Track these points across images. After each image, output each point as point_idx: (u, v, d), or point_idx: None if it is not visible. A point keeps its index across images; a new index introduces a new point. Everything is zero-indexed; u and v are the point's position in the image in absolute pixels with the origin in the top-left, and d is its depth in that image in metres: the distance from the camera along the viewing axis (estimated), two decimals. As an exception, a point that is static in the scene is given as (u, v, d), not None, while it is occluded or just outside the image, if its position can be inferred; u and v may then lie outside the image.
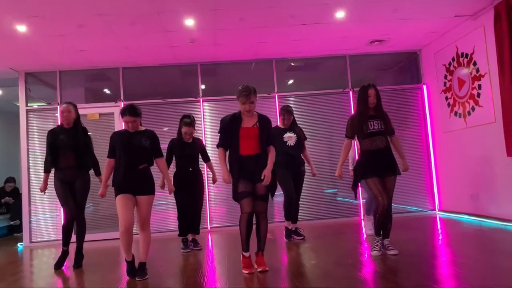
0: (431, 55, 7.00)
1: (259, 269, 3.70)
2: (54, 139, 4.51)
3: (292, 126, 5.29)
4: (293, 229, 5.35)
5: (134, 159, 3.79)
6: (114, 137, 3.89)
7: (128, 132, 3.85)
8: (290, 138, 5.14)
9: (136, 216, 3.81)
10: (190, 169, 5.00)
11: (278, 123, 5.45)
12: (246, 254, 3.78)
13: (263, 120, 3.85)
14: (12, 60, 6.37)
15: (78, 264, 4.53)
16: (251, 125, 3.77)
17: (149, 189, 3.85)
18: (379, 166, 4.08)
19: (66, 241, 4.51)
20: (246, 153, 3.71)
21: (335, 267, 3.83)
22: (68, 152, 4.48)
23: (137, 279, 3.71)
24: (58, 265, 4.47)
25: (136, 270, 3.79)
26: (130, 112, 3.77)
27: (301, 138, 5.28)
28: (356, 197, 4.36)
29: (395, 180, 4.15)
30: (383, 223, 4.13)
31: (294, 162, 5.20)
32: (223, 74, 7.63)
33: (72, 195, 4.51)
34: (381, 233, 4.17)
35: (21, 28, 5.13)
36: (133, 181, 3.77)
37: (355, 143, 5.07)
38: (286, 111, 5.26)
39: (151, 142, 3.89)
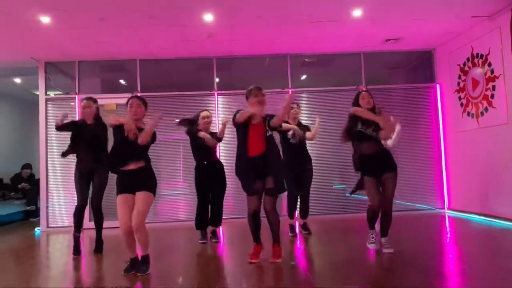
0: (446, 54, 7.02)
1: (270, 260, 3.84)
2: (77, 132, 4.66)
3: (299, 124, 5.33)
4: (302, 223, 5.45)
5: (130, 157, 3.66)
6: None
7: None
8: (293, 136, 5.16)
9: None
10: (205, 162, 5.05)
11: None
12: (256, 244, 4.00)
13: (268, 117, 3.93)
14: (34, 49, 6.52)
15: (99, 249, 4.74)
16: (260, 122, 3.90)
17: (147, 186, 3.65)
18: (376, 166, 4.16)
19: (77, 226, 4.68)
20: (254, 154, 3.87)
21: (340, 263, 3.93)
22: (89, 146, 4.62)
23: (138, 274, 3.58)
24: (77, 251, 4.63)
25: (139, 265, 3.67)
26: (138, 97, 3.83)
27: (305, 136, 5.24)
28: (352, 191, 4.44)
29: (395, 179, 4.16)
30: (375, 218, 4.24)
31: (298, 161, 5.24)
32: (237, 68, 7.73)
33: (89, 187, 4.70)
34: (374, 226, 4.29)
35: (45, 20, 5.26)
36: (132, 178, 3.63)
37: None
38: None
39: None
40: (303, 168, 5.29)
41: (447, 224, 6.09)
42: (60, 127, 4.58)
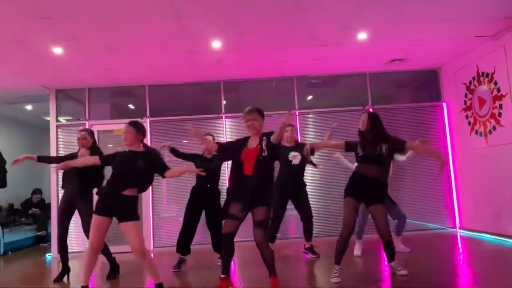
0: (451, 73, 7.06)
1: None
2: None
3: (297, 145, 5.34)
4: (308, 246, 5.40)
5: (122, 182, 3.66)
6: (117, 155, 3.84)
7: (127, 152, 3.80)
8: (295, 157, 5.18)
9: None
10: (208, 185, 5.04)
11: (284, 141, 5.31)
12: (222, 276, 3.62)
13: (266, 136, 3.66)
14: (45, 78, 6.67)
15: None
16: (255, 145, 3.67)
17: (132, 216, 3.63)
18: (364, 192, 4.02)
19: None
20: (246, 173, 3.63)
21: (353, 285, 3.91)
22: (79, 174, 4.67)
23: None
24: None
25: None
26: (129, 123, 3.85)
27: (305, 158, 5.21)
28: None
29: (383, 209, 4.02)
30: (344, 250, 4.03)
31: (295, 183, 5.26)
32: (245, 91, 7.82)
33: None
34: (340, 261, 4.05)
35: (57, 50, 5.41)
36: (115, 205, 3.62)
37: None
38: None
39: (150, 163, 3.75)
40: (298, 190, 5.30)
41: (459, 244, 6.03)
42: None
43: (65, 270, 4.91)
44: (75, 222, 5.08)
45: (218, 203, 5.02)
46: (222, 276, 3.61)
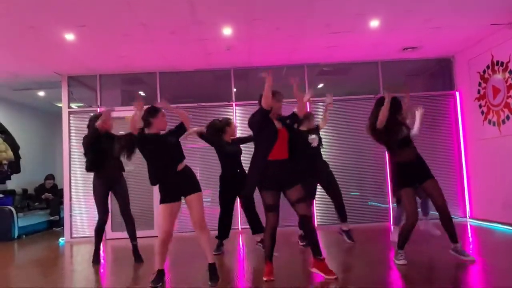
0: (465, 62, 6.96)
1: (327, 276, 3.61)
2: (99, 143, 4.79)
3: (315, 128, 5.42)
4: (347, 229, 5.37)
5: (170, 160, 3.74)
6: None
7: (155, 134, 3.80)
8: (314, 140, 5.25)
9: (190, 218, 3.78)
10: (238, 170, 5.06)
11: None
12: (269, 263, 3.75)
13: (284, 120, 3.95)
14: (57, 64, 6.71)
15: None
16: (280, 126, 3.85)
17: (196, 187, 3.78)
18: (416, 175, 4.08)
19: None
20: (275, 158, 3.71)
21: (360, 273, 3.93)
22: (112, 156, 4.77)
23: (209, 283, 3.64)
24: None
25: (210, 274, 3.71)
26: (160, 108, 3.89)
27: (320, 140, 5.37)
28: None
29: (436, 183, 4.09)
30: (409, 237, 4.08)
31: (319, 164, 5.30)
32: (255, 79, 7.77)
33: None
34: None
35: (69, 37, 5.43)
36: (177, 183, 3.73)
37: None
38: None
39: (175, 135, 3.87)
40: (326, 171, 5.33)
41: (469, 234, 6.01)
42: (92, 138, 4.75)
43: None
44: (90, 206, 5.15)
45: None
46: (267, 262, 3.73)
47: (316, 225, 6.57)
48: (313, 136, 5.25)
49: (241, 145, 5.25)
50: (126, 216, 4.87)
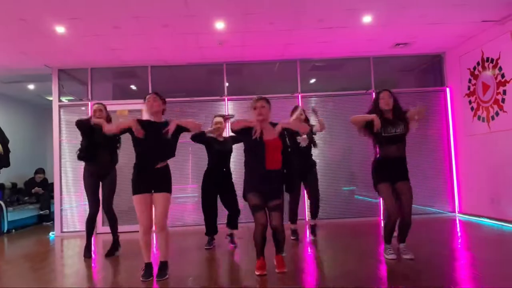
0: (456, 58, 7.02)
1: (277, 270, 3.78)
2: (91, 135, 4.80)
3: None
4: (312, 224, 5.49)
5: (155, 154, 3.70)
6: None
7: (151, 122, 3.78)
8: (303, 140, 5.26)
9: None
10: (224, 169, 5.08)
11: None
12: (261, 257, 3.82)
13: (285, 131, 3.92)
14: (47, 57, 6.63)
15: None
16: (273, 137, 3.80)
17: (166, 188, 3.76)
18: (393, 172, 4.09)
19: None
20: (271, 168, 3.76)
21: (350, 267, 3.97)
22: (105, 148, 4.84)
23: (156, 279, 3.67)
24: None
25: (157, 270, 3.74)
26: (154, 92, 3.88)
27: (312, 141, 5.37)
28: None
29: (409, 186, 4.09)
30: (393, 231, 4.16)
31: (306, 163, 5.36)
32: (247, 73, 7.80)
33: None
34: (392, 238, 4.20)
35: (60, 29, 5.37)
36: (151, 178, 3.70)
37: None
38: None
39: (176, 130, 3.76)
40: (309, 170, 5.38)
41: (458, 229, 6.10)
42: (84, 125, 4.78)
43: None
44: (81, 200, 5.14)
45: (232, 184, 5.14)
46: (259, 257, 3.79)
47: (307, 220, 6.60)
48: (304, 136, 5.24)
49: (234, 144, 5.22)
50: (107, 210, 4.93)
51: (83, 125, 4.81)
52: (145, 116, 4.03)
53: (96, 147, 4.78)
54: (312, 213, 5.46)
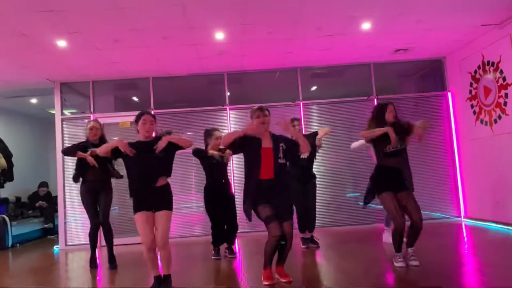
0: (456, 62, 7.02)
1: (283, 280, 3.74)
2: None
3: (306, 137, 5.35)
4: (310, 237, 5.45)
5: (150, 173, 3.64)
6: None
7: (142, 142, 3.70)
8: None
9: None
10: (223, 180, 5.10)
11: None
12: (268, 268, 3.80)
13: (277, 139, 3.86)
14: (49, 71, 6.67)
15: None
16: (268, 145, 3.79)
17: (168, 205, 3.70)
18: (393, 182, 4.09)
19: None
20: (265, 177, 3.75)
21: (355, 275, 3.94)
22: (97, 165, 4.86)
23: None
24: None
25: (163, 282, 3.67)
26: (150, 113, 3.79)
27: (312, 152, 5.25)
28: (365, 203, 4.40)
29: (411, 194, 4.09)
30: (402, 240, 4.12)
31: (306, 175, 5.36)
32: (248, 82, 7.81)
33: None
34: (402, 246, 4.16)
35: (61, 43, 5.41)
36: (152, 196, 3.63)
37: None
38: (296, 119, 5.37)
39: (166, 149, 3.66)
40: (309, 183, 5.39)
41: (464, 233, 6.05)
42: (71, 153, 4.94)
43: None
44: (85, 213, 5.14)
45: (233, 198, 5.18)
46: (267, 268, 3.77)
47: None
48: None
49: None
50: (103, 224, 4.96)
51: (69, 153, 5.01)
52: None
53: (86, 165, 4.86)
54: (309, 226, 5.39)
